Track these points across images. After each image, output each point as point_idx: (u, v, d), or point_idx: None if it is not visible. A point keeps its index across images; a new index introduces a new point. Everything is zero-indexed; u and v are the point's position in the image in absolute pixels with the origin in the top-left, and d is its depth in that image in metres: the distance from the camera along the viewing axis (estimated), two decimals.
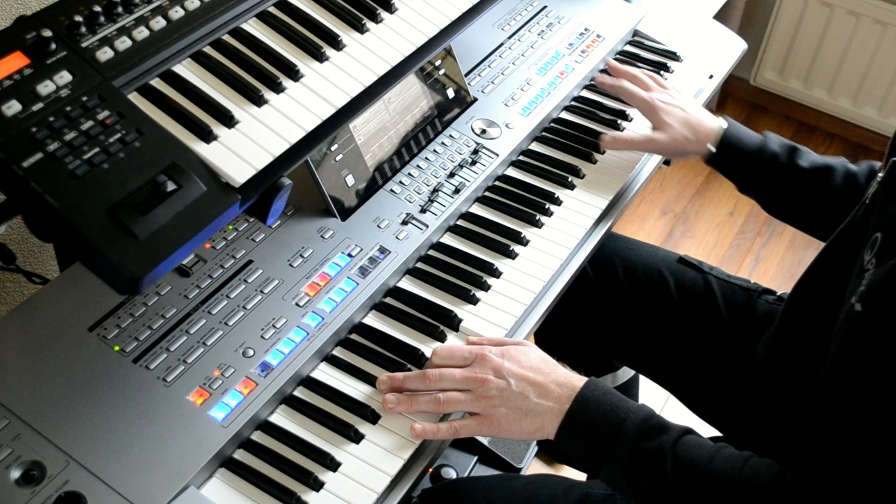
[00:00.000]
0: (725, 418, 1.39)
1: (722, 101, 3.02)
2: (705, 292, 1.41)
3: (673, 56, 1.63)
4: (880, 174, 1.04)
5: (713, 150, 1.34)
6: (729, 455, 0.97)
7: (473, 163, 1.33)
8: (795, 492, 0.91)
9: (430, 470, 1.54)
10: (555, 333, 1.59)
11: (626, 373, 1.67)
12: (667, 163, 1.53)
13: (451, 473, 1.72)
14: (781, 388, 1.22)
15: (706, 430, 1.37)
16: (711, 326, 1.38)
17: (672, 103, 1.38)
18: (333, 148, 1.20)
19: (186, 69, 0.99)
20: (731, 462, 0.96)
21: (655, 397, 2.08)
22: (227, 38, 1.03)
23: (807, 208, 1.33)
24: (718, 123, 1.35)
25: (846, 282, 0.98)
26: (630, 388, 1.71)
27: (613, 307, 1.46)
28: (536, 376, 1.02)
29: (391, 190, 1.27)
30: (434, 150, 1.34)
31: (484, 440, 1.88)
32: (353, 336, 1.12)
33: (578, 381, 1.03)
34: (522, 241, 1.26)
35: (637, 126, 1.48)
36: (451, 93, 1.39)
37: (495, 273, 1.21)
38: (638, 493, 0.99)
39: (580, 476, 1.88)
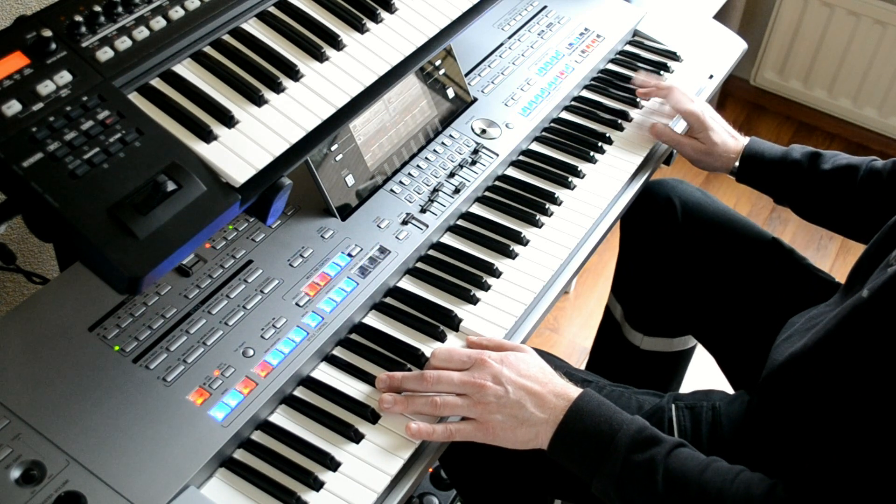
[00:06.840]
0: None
1: (722, 101, 3.01)
2: (788, 278, 1.41)
3: (673, 56, 1.63)
4: None
5: (737, 164, 1.41)
6: (720, 468, 0.97)
7: (473, 163, 1.33)
8: None
9: (430, 470, 1.54)
10: (633, 272, 1.59)
11: (684, 342, 1.66)
12: (666, 162, 1.53)
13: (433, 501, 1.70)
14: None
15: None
16: (783, 311, 1.37)
17: (718, 121, 1.44)
18: (333, 148, 1.20)
19: (186, 69, 0.99)
20: (723, 475, 0.96)
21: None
22: (227, 38, 1.03)
23: (835, 210, 1.36)
24: (744, 142, 1.42)
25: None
26: (682, 360, 1.69)
27: (697, 261, 1.46)
28: (534, 386, 1.02)
29: (391, 190, 1.27)
30: (434, 150, 1.33)
31: None
32: (353, 336, 1.12)
33: (574, 392, 1.03)
34: (522, 241, 1.26)
35: (636, 126, 1.48)
36: (451, 93, 1.39)
37: (495, 273, 1.21)
38: None
39: None
